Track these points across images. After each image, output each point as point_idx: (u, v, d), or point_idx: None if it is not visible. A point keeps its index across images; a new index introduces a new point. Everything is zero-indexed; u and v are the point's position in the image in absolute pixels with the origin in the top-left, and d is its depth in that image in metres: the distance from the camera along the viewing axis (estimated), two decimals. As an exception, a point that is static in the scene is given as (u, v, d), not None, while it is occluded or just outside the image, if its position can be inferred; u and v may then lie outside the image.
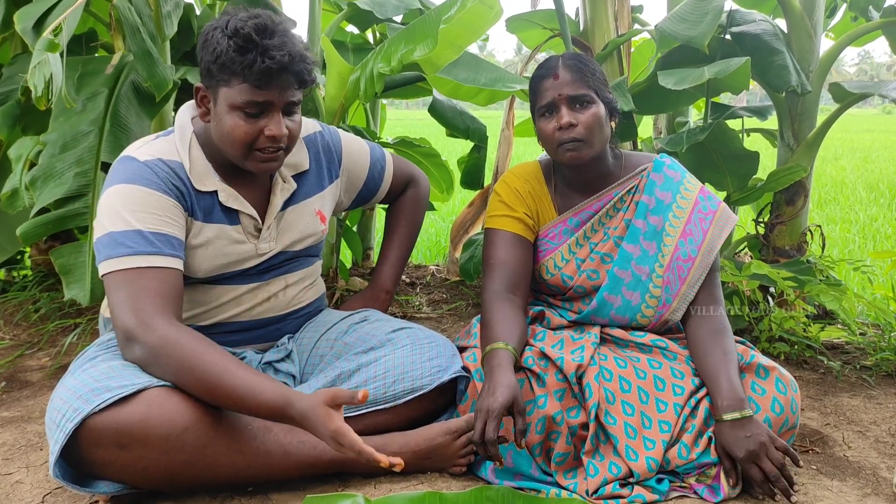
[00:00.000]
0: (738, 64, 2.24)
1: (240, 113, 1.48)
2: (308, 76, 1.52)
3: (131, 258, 1.43)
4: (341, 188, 1.87)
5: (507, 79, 2.39)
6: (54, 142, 2.15)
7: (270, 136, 1.49)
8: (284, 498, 1.47)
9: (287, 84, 1.48)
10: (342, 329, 1.76)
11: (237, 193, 1.61)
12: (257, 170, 1.55)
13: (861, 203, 6.48)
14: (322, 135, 1.82)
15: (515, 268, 1.76)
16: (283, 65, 1.45)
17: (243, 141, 1.50)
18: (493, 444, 1.43)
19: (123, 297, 1.41)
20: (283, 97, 1.49)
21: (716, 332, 1.66)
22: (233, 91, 1.47)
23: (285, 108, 1.52)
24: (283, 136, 1.51)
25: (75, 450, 1.34)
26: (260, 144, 1.51)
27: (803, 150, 2.69)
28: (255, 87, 1.46)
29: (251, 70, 1.44)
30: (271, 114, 1.50)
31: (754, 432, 1.48)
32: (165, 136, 1.61)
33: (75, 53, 2.65)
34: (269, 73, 1.45)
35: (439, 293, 3.12)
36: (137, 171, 1.50)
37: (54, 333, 2.50)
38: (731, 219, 1.78)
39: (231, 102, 1.48)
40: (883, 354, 2.34)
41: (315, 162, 1.78)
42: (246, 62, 1.44)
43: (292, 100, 1.51)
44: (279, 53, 1.45)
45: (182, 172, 1.55)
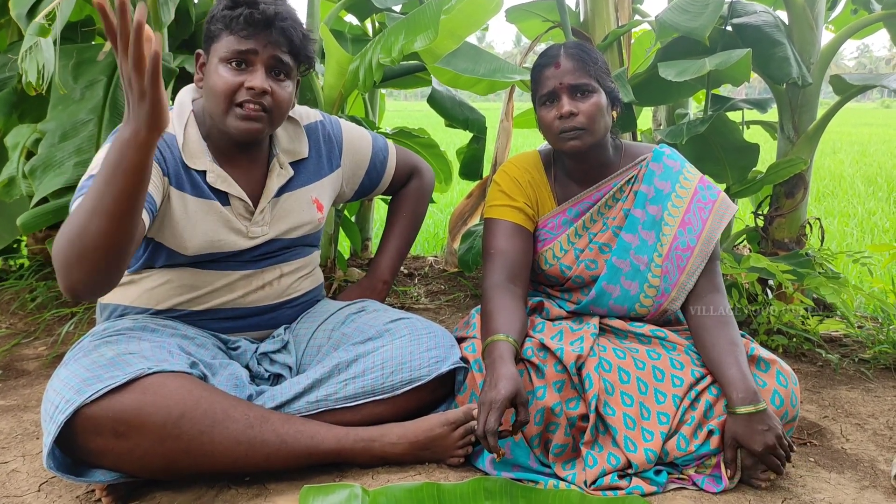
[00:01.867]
0: (739, 56, 2.23)
1: (225, 66, 1.51)
2: (299, 42, 1.54)
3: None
4: (343, 178, 1.86)
5: (506, 69, 2.38)
6: (53, 131, 2.14)
7: (250, 88, 1.50)
8: (282, 488, 1.46)
9: (273, 39, 1.51)
10: (339, 319, 1.75)
11: (227, 175, 1.61)
12: (237, 130, 1.53)
13: (859, 197, 6.48)
14: (323, 124, 1.81)
15: (515, 257, 1.75)
16: (268, 16, 1.49)
17: (224, 91, 1.50)
18: (493, 434, 1.42)
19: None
20: (266, 50, 1.51)
21: (720, 322, 1.65)
22: (221, 45, 1.52)
23: (270, 66, 1.53)
24: (263, 89, 1.50)
25: (72, 439, 1.33)
26: (240, 98, 1.51)
27: (803, 142, 2.68)
28: (241, 37, 1.49)
29: (238, 21, 1.48)
30: (255, 67, 1.51)
31: (771, 425, 1.47)
32: None
33: (71, 41, 2.63)
34: (254, 23, 1.48)
35: (437, 284, 3.11)
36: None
37: (51, 322, 2.49)
38: (730, 208, 1.77)
39: (219, 56, 1.52)
40: (881, 347, 2.34)
41: (315, 150, 1.77)
42: (234, 14, 1.49)
43: (278, 56, 1.52)
44: (266, 6, 1.49)
45: (174, 145, 1.57)
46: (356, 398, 1.55)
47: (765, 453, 1.47)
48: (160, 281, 1.65)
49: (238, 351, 1.70)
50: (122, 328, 1.53)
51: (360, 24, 3.46)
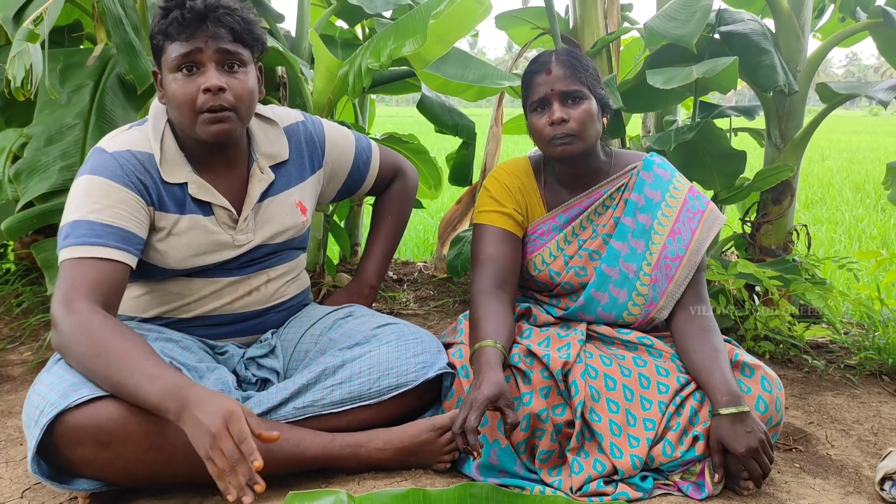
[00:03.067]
0: (726, 63, 2.24)
1: (177, 75, 1.49)
2: (241, 27, 1.51)
3: (76, 248, 1.43)
4: (324, 179, 1.85)
5: (495, 75, 2.39)
6: (39, 135, 2.13)
7: (206, 89, 1.48)
8: (267, 494, 1.45)
9: (213, 33, 1.48)
10: (327, 324, 1.75)
11: (208, 185, 1.59)
12: (209, 135, 1.51)
13: (847, 204, 6.52)
14: (304, 124, 1.79)
15: (504, 263, 1.75)
16: (199, 11, 1.47)
17: (183, 101, 1.49)
18: (473, 432, 1.42)
19: (59, 286, 1.41)
20: (209, 46, 1.48)
21: (704, 329, 1.66)
22: (167, 55, 1.50)
23: (220, 61, 1.50)
24: (219, 87, 1.48)
25: (54, 448, 1.32)
26: (201, 103, 1.49)
27: (790, 149, 2.70)
28: (180, 41, 1.48)
29: (172, 26, 1.47)
30: (205, 68, 1.49)
31: (754, 427, 1.48)
32: (140, 125, 1.60)
33: (59, 45, 2.62)
34: (189, 23, 1.47)
35: (426, 290, 3.11)
36: (103, 163, 1.50)
37: (36, 328, 2.47)
38: (718, 219, 1.78)
39: (168, 67, 1.50)
40: (866, 353, 2.35)
41: (296, 152, 1.75)
42: (168, 21, 1.47)
43: (224, 47, 1.50)
44: (193, 3, 1.47)
45: (151, 164, 1.54)
46: (343, 404, 1.55)
47: (747, 455, 1.47)
48: (145, 290, 1.64)
49: (225, 356, 1.69)
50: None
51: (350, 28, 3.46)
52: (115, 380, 1.31)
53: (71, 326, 1.35)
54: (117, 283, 1.45)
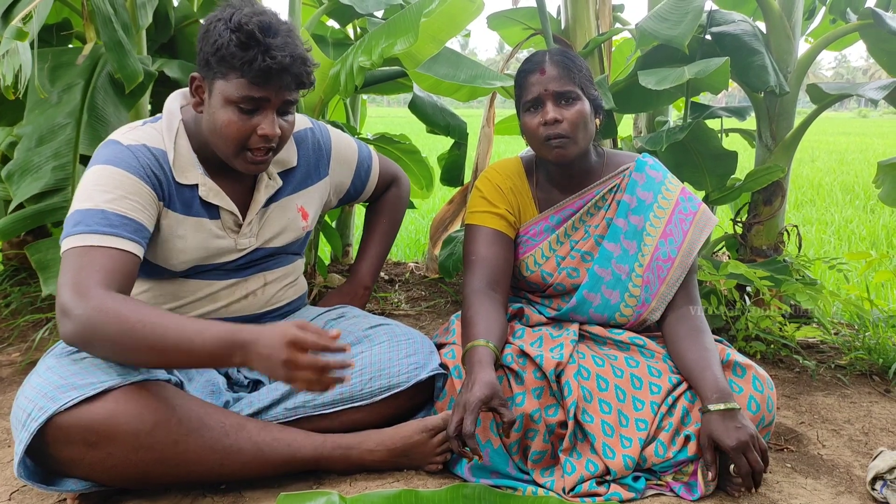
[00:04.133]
0: (718, 64, 2.25)
1: (234, 108, 1.46)
2: (307, 78, 1.50)
3: (87, 236, 1.38)
4: (330, 187, 1.85)
5: (487, 75, 2.38)
6: (30, 135, 2.11)
7: (263, 136, 1.47)
8: (258, 496, 1.45)
9: (285, 84, 1.46)
10: (319, 325, 1.74)
11: (219, 188, 1.59)
12: (245, 170, 1.53)
13: (837, 205, 6.55)
14: (312, 131, 1.80)
15: (496, 264, 1.75)
16: (284, 66, 1.44)
17: (235, 137, 1.48)
18: (471, 437, 1.41)
19: (67, 273, 1.34)
20: (279, 96, 1.47)
21: (695, 329, 1.66)
22: (230, 85, 1.45)
23: (280, 108, 1.50)
24: (276, 136, 1.49)
25: (43, 448, 1.31)
26: (252, 143, 1.49)
27: (781, 150, 2.71)
28: (253, 83, 1.44)
29: (251, 67, 1.42)
30: (266, 112, 1.48)
31: (744, 423, 1.48)
32: (153, 122, 1.58)
33: (48, 43, 2.60)
34: (269, 72, 1.43)
35: (418, 290, 3.11)
36: (118, 154, 1.48)
37: (25, 328, 2.45)
38: (710, 220, 1.78)
39: (227, 96, 1.46)
40: (857, 353, 2.36)
41: (304, 159, 1.76)
42: (247, 58, 1.42)
43: (288, 99, 1.49)
44: (281, 54, 1.43)
45: (165, 162, 1.53)
46: (334, 405, 1.54)
47: (737, 450, 1.45)
48: (141, 289, 1.63)
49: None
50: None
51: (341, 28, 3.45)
52: (160, 347, 1.29)
53: (91, 311, 1.29)
54: (130, 274, 1.41)
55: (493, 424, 1.55)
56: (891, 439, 1.87)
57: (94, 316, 1.29)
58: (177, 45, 2.74)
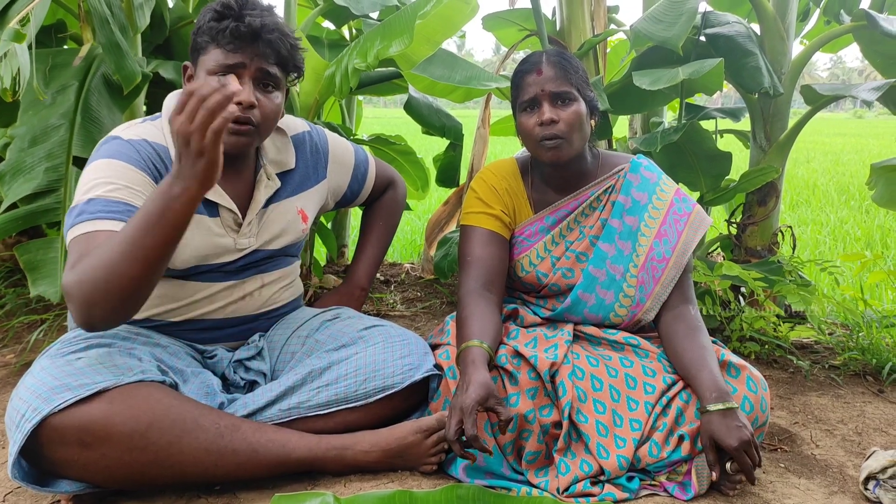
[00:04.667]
0: (712, 65, 2.25)
1: (212, 79, 1.46)
2: (287, 53, 1.52)
3: (90, 223, 1.38)
4: (328, 190, 1.86)
5: (482, 76, 2.38)
6: (23, 136, 2.11)
7: (238, 103, 1.48)
8: (253, 497, 1.45)
9: (260, 52, 1.49)
10: (314, 326, 1.74)
11: (218, 186, 1.59)
12: (225, 144, 1.49)
13: (832, 205, 6.57)
14: (310, 134, 1.81)
15: (491, 265, 1.75)
16: (255, 29, 1.47)
17: None
18: (476, 439, 1.42)
19: (70, 260, 1.34)
20: (254, 63, 1.49)
21: (691, 328, 1.66)
22: (208, 57, 1.50)
23: (259, 79, 1.51)
24: (251, 103, 1.49)
25: (37, 449, 1.31)
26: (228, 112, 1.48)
27: (775, 151, 2.71)
28: (227, 50, 1.48)
29: (224, 34, 1.46)
30: (242, 80, 1.49)
31: (742, 423, 1.48)
32: (153, 119, 1.60)
33: (44, 45, 2.60)
34: (240, 36, 1.46)
35: (413, 291, 3.11)
36: (119, 148, 1.49)
37: (19, 330, 2.45)
38: (705, 221, 1.79)
39: (206, 69, 1.49)
40: (851, 354, 2.37)
41: (302, 161, 1.77)
42: (221, 27, 1.47)
43: (265, 68, 1.51)
44: (252, 19, 1.47)
45: (166, 156, 1.54)
46: (329, 406, 1.55)
47: (740, 448, 1.46)
48: None
49: (214, 360, 1.69)
50: (91, 336, 1.51)
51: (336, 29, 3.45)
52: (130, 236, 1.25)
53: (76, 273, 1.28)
54: None
55: (488, 425, 1.55)
56: (884, 439, 1.87)
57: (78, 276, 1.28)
58: (172, 46, 2.74)
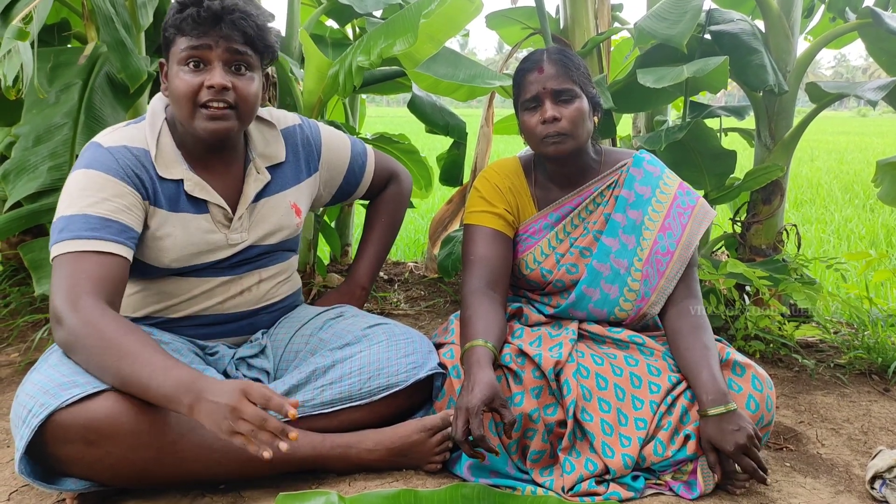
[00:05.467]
0: (717, 63, 2.25)
1: (184, 68, 1.50)
2: (254, 32, 1.52)
3: (73, 242, 1.41)
4: (320, 182, 1.85)
5: (486, 75, 2.38)
6: (27, 134, 2.11)
7: (210, 87, 1.48)
8: (257, 495, 1.45)
9: (224, 33, 1.49)
10: (317, 325, 1.74)
11: (204, 182, 1.59)
12: (206, 132, 1.51)
13: (836, 204, 6.55)
14: (301, 127, 1.80)
15: (495, 264, 1.75)
16: (215, 11, 1.48)
17: (185, 93, 1.49)
18: (483, 439, 1.42)
19: (59, 280, 1.39)
20: (220, 45, 1.49)
21: (695, 327, 1.66)
22: (176, 48, 1.51)
23: (229, 61, 1.51)
24: (222, 85, 1.49)
25: (42, 446, 1.31)
26: (203, 98, 1.49)
27: (780, 149, 2.71)
28: (192, 36, 1.48)
29: (187, 21, 1.47)
30: (212, 66, 1.50)
31: (741, 425, 1.48)
32: (136, 123, 1.60)
33: (47, 44, 2.60)
34: (203, 21, 1.48)
35: (417, 290, 3.11)
36: (98, 157, 1.50)
37: (24, 328, 2.45)
38: (709, 213, 1.79)
39: (176, 60, 1.51)
40: (856, 353, 2.36)
41: (293, 154, 1.76)
42: (183, 16, 1.48)
43: (234, 48, 1.50)
44: (212, 2, 1.48)
45: (147, 160, 1.54)
46: (333, 404, 1.54)
47: (737, 453, 1.47)
48: (136, 289, 1.63)
49: (216, 356, 1.68)
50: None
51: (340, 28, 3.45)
52: (126, 373, 1.31)
53: (78, 323, 1.34)
54: (119, 278, 1.44)
55: (493, 424, 1.55)
56: (890, 438, 1.87)
57: (80, 329, 1.34)
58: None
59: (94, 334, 1.33)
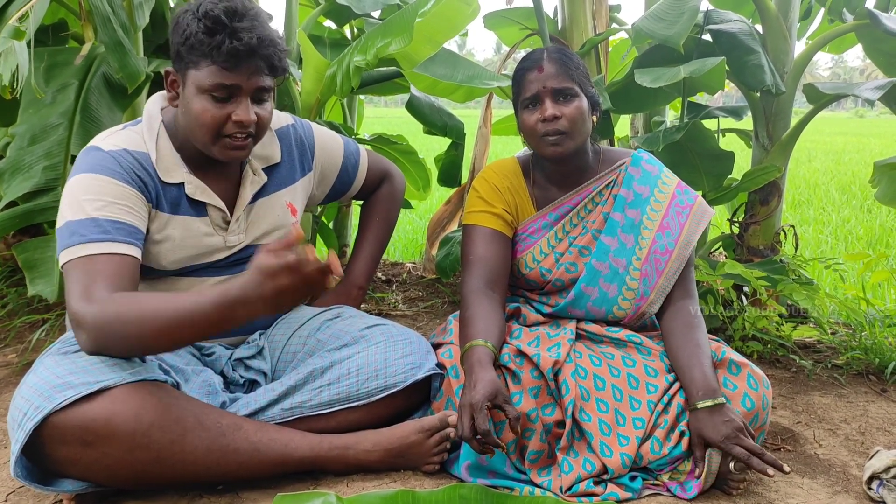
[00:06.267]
0: (714, 63, 2.25)
1: (208, 96, 1.47)
2: (279, 62, 1.51)
3: (84, 246, 1.40)
4: (314, 181, 1.85)
5: (484, 76, 2.38)
6: (23, 134, 2.11)
7: (238, 122, 1.48)
8: (255, 496, 1.45)
9: (256, 68, 1.47)
10: (315, 326, 1.74)
11: (205, 185, 1.59)
12: (224, 157, 1.53)
13: (834, 204, 6.56)
14: (294, 127, 1.80)
15: (494, 264, 1.75)
16: (252, 47, 1.44)
17: (211, 125, 1.48)
18: (489, 433, 1.41)
19: (74, 284, 1.37)
20: (251, 82, 1.48)
21: (688, 325, 1.66)
22: (201, 73, 1.46)
23: (254, 95, 1.50)
24: (251, 122, 1.49)
25: (39, 448, 1.30)
26: (227, 130, 1.49)
27: (777, 150, 2.71)
28: (224, 69, 1.45)
29: (219, 51, 1.43)
30: (239, 98, 1.48)
31: (730, 417, 1.48)
32: (133, 125, 1.59)
33: (44, 44, 2.60)
34: (238, 55, 1.44)
35: (415, 291, 3.11)
36: (100, 161, 1.49)
37: (21, 329, 2.45)
38: (707, 212, 1.79)
39: (199, 85, 1.47)
40: (854, 353, 2.36)
41: (287, 154, 1.76)
42: (214, 43, 1.43)
43: (262, 85, 1.50)
44: (248, 35, 1.44)
45: (148, 164, 1.53)
46: (331, 405, 1.54)
47: (725, 443, 1.46)
48: None
49: (213, 357, 1.68)
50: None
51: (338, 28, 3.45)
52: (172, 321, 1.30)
53: (99, 311, 1.32)
54: (132, 277, 1.43)
55: (491, 424, 1.55)
56: (887, 439, 1.87)
57: (101, 318, 1.32)
58: (173, 45, 2.73)
59: (122, 311, 1.32)
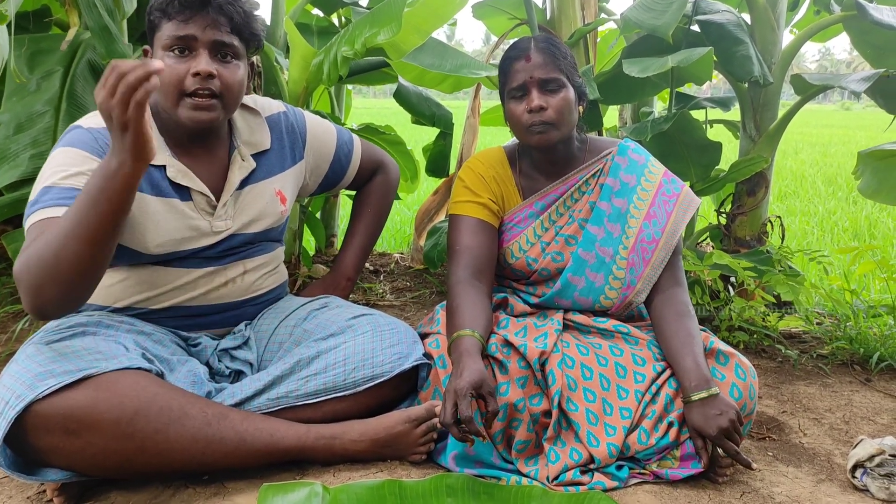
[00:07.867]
0: (701, 53, 2.25)
1: (168, 54, 1.48)
2: (240, 19, 1.51)
3: (43, 210, 1.37)
4: (306, 170, 1.84)
5: (472, 65, 2.38)
6: (8, 122, 2.09)
7: (196, 74, 1.47)
8: (241, 486, 1.44)
9: (213, 21, 1.47)
10: (302, 315, 1.73)
11: (187, 169, 1.57)
12: (190, 120, 1.50)
13: (820, 196, 6.60)
14: (286, 115, 1.78)
15: (480, 253, 1.74)
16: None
17: (170, 80, 1.47)
18: (470, 420, 1.40)
19: (25, 247, 1.33)
20: (207, 33, 1.48)
21: (680, 314, 1.67)
22: (161, 34, 1.49)
23: (214, 49, 1.50)
24: (209, 73, 1.47)
25: (22, 437, 1.29)
26: (188, 87, 1.48)
27: (765, 141, 2.72)
28: (178, 21, 1.47)
29: (173, 5, 1.46)
30: (198, 52, 1.48)
31: (723, 409, 1.49)
32: None
33: (26, 31, 2.57)
34: (189, 6, 1.46)
35: (403, 281, 3.10)
36: (78, 136, 1.48)
37: (4, 319, 2.42)
38: (694, 201, 1.79)
39: (161, 45, 1.48)
40: (838, 343, 2.38)
41: (277, 142, 1.75)
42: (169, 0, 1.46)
43: (220, 39, 1.49)
44: None
45: None
46: (317, 395, 1.54)
47: (720, 437, 1.47)
48: (118, 278, 1.61)
49: (198, 348, 1.67)
50: (76, 323, 1.49)
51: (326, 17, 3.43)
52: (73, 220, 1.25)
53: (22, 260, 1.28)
54: None
55: (478, 414, 1.55)
56: (871, 428, 1.89)
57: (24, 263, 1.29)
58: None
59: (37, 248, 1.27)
